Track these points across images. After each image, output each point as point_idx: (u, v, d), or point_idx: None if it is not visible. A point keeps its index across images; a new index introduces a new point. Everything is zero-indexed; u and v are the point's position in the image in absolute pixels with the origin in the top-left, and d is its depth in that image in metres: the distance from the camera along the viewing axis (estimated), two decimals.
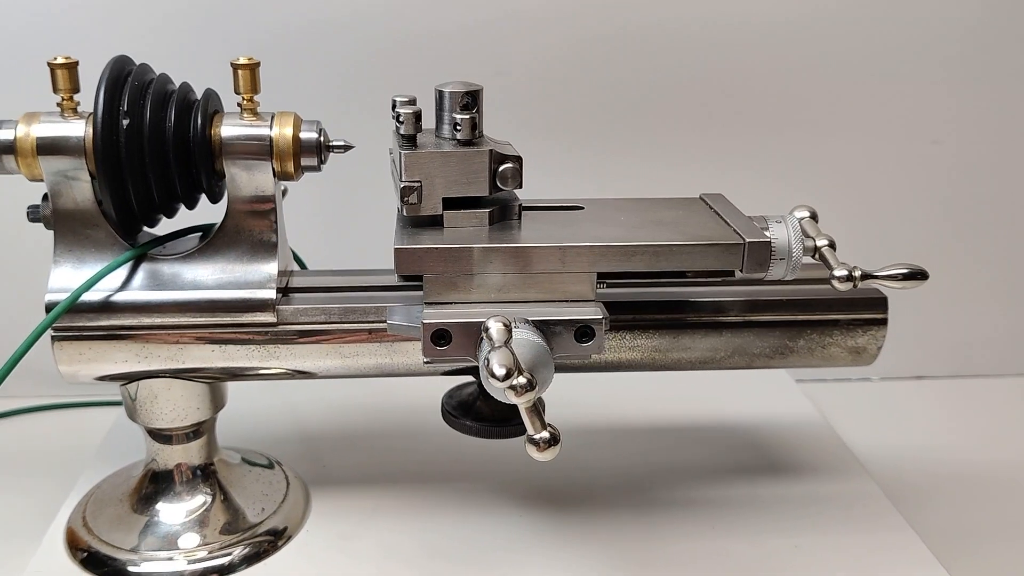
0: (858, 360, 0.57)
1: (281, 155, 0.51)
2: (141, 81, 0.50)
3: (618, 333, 0.55)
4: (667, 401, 0.74)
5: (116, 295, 0.52)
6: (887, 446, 0.75)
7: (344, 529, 0.59)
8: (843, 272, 0.47)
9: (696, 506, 0.61)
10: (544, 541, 0.57)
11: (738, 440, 0.70)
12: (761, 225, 0.48)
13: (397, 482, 0.63)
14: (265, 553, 0.57)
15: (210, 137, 0.51)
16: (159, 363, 0.53)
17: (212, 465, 0.59)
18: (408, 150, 0.46)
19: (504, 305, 0.46)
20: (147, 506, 0.57)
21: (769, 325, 0.56)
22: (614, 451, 0.68)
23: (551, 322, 0.45)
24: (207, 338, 0.52)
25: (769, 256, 0.47)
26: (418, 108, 0.47)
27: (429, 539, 0.57)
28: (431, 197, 0.47)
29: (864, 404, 0.83)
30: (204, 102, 0.51)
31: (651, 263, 0.46)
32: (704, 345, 0.56)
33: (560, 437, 0.41)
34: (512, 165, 0.47)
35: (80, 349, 0.52)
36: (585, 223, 0.49)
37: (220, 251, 0.53)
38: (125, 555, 0.55)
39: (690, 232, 0.48)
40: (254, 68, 0.51)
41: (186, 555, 0.55)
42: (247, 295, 0.52)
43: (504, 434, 0.57)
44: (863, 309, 0.56)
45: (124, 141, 0.48)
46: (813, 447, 0.69)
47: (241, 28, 0.71)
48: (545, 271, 0.46)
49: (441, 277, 0.46)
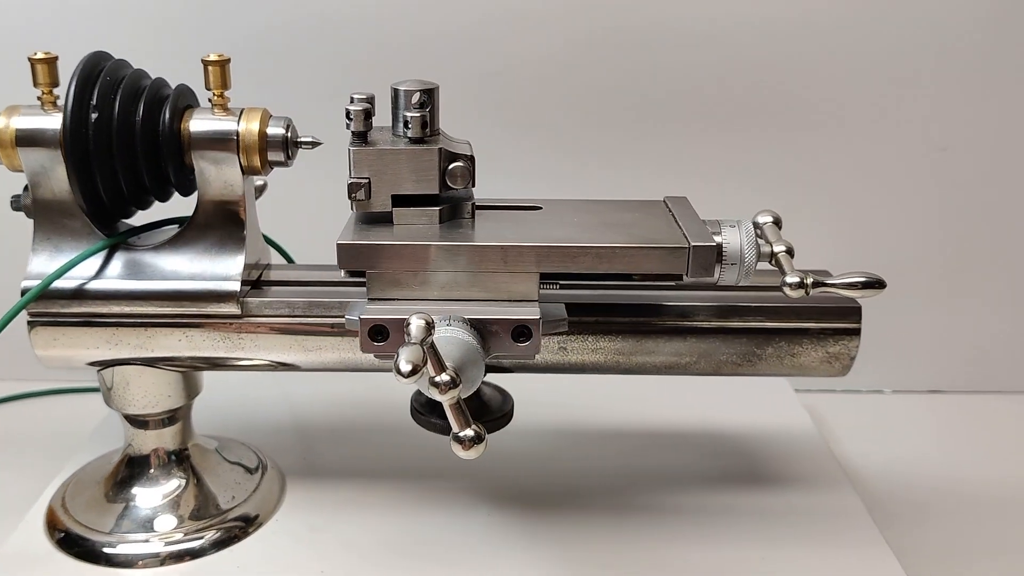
0: (831, 370, 0.56)
1: (247, 149, 0.52)
2: (114, 76, 0.51)
3: (581, 335, 0.55)
4: (659, 405, 0.74)
5: (89, 283, 0.53)
6: (888, 460, 0.73)
7: (312, 520, 0.59)
8: (795, 279, 0.46)
9: (668, 512, 0.60)
10: (509, 541, 0.57)
11: (725, 447, 0.69)
12: (714, 229, 0.48)
13: (374, 477, 0.64)
14: (235, 539, 0.58)
15: (179, 131, 0.52)
16: (129, 350, 0.54)
17: (186, 450, 0.60)
18: (357, 146, 0.47)
19: (447, 303, 0.46)
20: (123, 489, 0.59)
21: (736, 331, 0.55)
22: (596, 453, 0.68)
23: (488, 321, 0.45)
24: (174, 327, 0.54)
25: (715, 261, 0.46)
26: (368, 106, 0.47)
27: (392, 535, 0.58)
28: (380, 194, 0.48)
29: (871, 417, 0.81)
30: (175, 97, 0.52)
31: (594, 265, 0.46)
32: (669, 349, 0.55)
33: (485, 436, 0.41)
34: (461, 164, 0.47)
35: (54, 335, 0.54)
36: (536, 224, 0.49)
37: (190, 243, 0.54)
38: (100, 536, 0.57)
39: (638, 235, 0.47)
40: (223, 64, 0.53)
41: (161, 537, 0.57)
42: (212, 286, 0.53)
43: None
44: (835, 318, 0.55)
45: (92, 134, 0.50)
46: (800, 458, 0.67)
47: (240, 25, 0.73)
48: (487, 270, 0.46)
49: (384, 274, 0.46)
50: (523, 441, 0.68)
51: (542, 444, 0.69)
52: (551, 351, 0.55)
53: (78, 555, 0.56)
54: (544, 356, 0.55)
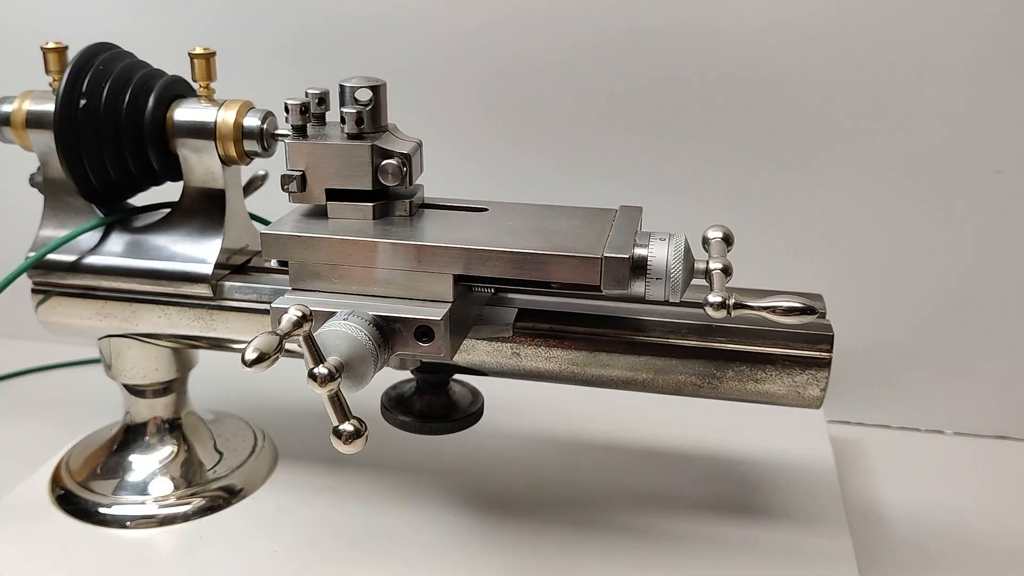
0: (802, 401, 0.52)
1: (223, 139, 0.55)
2: (107, 66, 0.55)
3: (534, 342, 0.54)
4: (674, 424, 0.71)
5: (85, 257, 0.58)
6: (930, 506, 0.67)
7: (282, 501, 0.61)
8: (716, 298, 0.44)
9: (638, 533, 0.58)
10: (466, 544, 0.57)
11: (725, 473, 0.65)
12: (643, 242, 0.46)
13: (356, 466, 0.65)
14: (217, 508, 0.61)
15: (164, 119, 0.55)
16: (117, 323, 0.58)
17: (179, 420, 0.64)
18: (293, 140, 0.48)
19: (362, 298, 0.47)
20: (120, 454, 0.63)
21: (693, 350, 0.52)
22: (586, 465, 0.66)
23: (391, 319, 0.45)
24: (154, 303, 0.57)
25: (628, 274, 0.44)
26: (306, 100, 0.49)
27: (352, 524, 0.59)
28: (315, 187, 0.49)
29: (924, 458, 0.74)
30: (162, 87, 0.56)
31: (506, 270, 0.45)
32: (623, 364, 0.53)
33: (364, 431, 0.42)
34: (392, 162, 0.48)
35: (53, 304, 0.59)
36: (467, 225, 0.49)
37: (175, 226, 0.58)
38: (94, 496, 0.61)
39: (558, 243, 0.46)
40: (208, 57, 0.55)
41: (154, 500, 0.60)
42: (187, 268, 0.56)
43: (434, 430, 0.57)
44: (802, 344, 0.51)
45: (80, 120, 0.54)
46: (806, 494, 0.63)
47: (263, 24, 0.75)
48: (402, 268, 0.46)
49: (305, 265, 0.47)
50: (517, 447, 0.68)
51: (534, 452, 0.68)
52: (504, 355, 0.54)
53: (72, 512, 0.60)
54: (499, 360, 0.55)
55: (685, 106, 0.71)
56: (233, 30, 0.76)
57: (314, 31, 0.75)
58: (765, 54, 0.69)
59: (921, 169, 0.69)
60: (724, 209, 0.73)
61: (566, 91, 0.73)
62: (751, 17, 0.68)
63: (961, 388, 0.76)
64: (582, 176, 0.74)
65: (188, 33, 0.76)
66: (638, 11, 0.69)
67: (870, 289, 0.74)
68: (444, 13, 0.72)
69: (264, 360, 0.38)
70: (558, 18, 0.71)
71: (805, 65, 0.69)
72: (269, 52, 0.76)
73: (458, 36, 0.72)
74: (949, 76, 0.67)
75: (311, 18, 0.74)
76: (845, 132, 0.70)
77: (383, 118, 0.49)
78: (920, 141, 0.69)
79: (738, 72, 0.70)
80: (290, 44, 0.76)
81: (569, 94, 0.73)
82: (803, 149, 0.71)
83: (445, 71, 0.73)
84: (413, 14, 0.72)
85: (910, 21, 0.66)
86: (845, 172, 0.71)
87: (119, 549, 0.57)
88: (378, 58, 0.74)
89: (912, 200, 0.71)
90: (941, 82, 0.67)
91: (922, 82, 0.67)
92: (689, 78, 0.71)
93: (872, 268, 0.73)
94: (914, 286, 0.73)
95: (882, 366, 0.76)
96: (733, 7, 0.68)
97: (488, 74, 0.73)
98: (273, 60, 0.76)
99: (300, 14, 0.74)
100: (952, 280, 0.72)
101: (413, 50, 0.73)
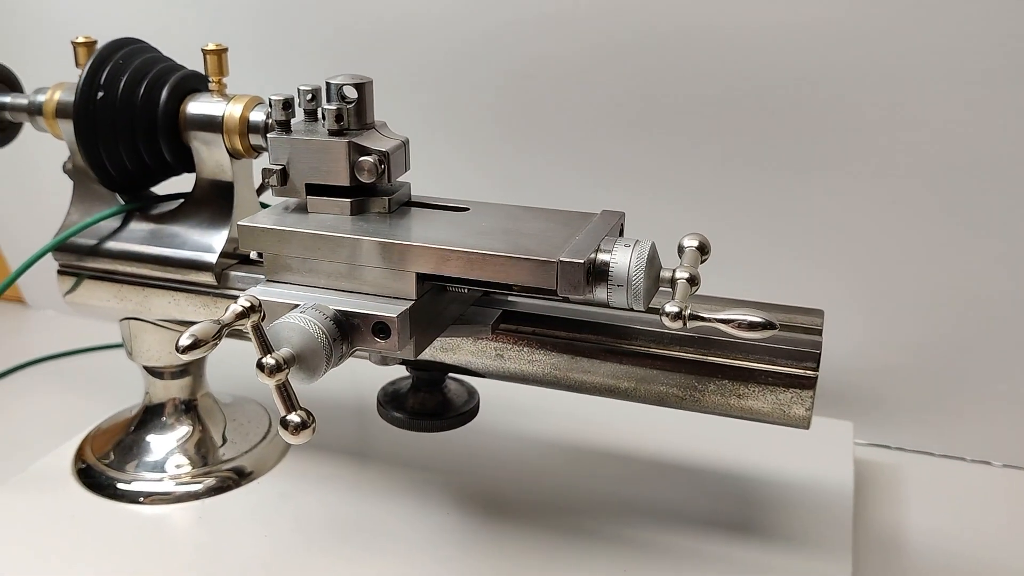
0: (788, 420, 0.50)
1: (230, 132, 0.57)
2: (127, 60, 0.57)
3: (517, 344, 0.53)
4: (685, 433, 0.69)
5: (105, 242, 0.60)
6: (948, 539, 0.63)
7: (285, 488, 0.63)
8: (672, 308, 0.42)
9: (625, 544, 0.57)
10: (456, 543, 0.57)
11: (735, 488, 0.63)
12: (607, 247, 0.45)
13: (362, 458, 0.66)
14: (227, 488, 0.63)
15: (177, 112, 0.57)
16: (132, 306, 0.61)
17: (195, 401, 0.66)
18: (275, 135, 0.49)
19: (329, 292, 0.47)
20: (138, 433, 0.66)
21: (673, 360, 0.51)
22: (585, 473, 0.65)
23: (350, 314, 0.45)
24: (164, 289, 0.59)
25: (584, 279, 0.43)
26: (289, 96, 0.50)
27: (347, 516, 0.59)
28: (296, 181, 0.50)
29: (965, 489, 0.70)
30: (177, 81, 0.58)
31: (465, 270, 0.45)
32: (604, 371, 0.52)
33: (311, 423, 0.42)
34: (368, 159, 0.48)
35: (76, 285, 0.62)
36: (440, 224, 0.49)
37: (188, 216, 0.60)
38: (112, 472, 0.64)
39: (522, 245, 0.45)
40: (220, 53, 0.57)
41: (171, 478, 0.63)
42: (194, 256, 0.58)
43: (425, 427, 0.58)
44: (786, 361, 0.49)
45: (97, 111, 0.56)
46: (814, 516, 0.60)
47: (296, 25, 0.77)
48: (367, 265, 0.47)
49: (278, 257, 0.48)
50: (514, 447, 0.67)
51: (530, 454, 0.67)
52: (489, 356, 0.54)
53: (89, 486, 0.63)
54: (484, 361, 0.55)
55: (698, 112, 0.69)
56: (260, 30, 0.78)
57: (342, 30, 0.76)
58: (780, 59, 0.66)
59: (949, 174, 0.65)
60: (741, 219, 0.71)
61: (578, 95, 0.72)
62: (777, 20, 0.65)
63: (1016, 416, 0.71)
64: (592, 180, 0.73)
65: (221, 31, 0.78)
66: (653, 15, 0.68)
67: (913, 303, 0.70)
68: (460, 16, 0.72)
69: (199, 347, 0.39)
70: (572, 22, 0.70)
71: (825, 69, 0.65)
72: (294, 50, 0.78)
73: (474, 39, 0.72)
74: (968, 77, 0.62)
75: (338, 17, 0.75)
76: (870, 139, 0.66)
77: (368, 115, 0.50)
78: (946, 144, 0.64)
79: (753, 77, 0.67)
80: (314, 42, 0.77)
81: (581, 98, 0.72)
82: (827, 157, 0.68)
83: (459, 73, 0.73)
84: (434, 16, 0.73)
85: (928, 20, 0.62)
86: (873, 181, 0.67)
87: (128, 523, 0.59)
88: (396, 59, 0.75)
89: (944, 207, 0.67)
90: (959, 84, 0.63)
91: (938, 84, 0.63)
92: (703, 83, 0.68)
93: (915, 280, 0.69)
94: (963, 300, 0.69)
95: (925, 387, 0.72)
96: (762, 9, 0.66)
97: (502, 76, 0.73)
98: (297, 58, 0.78)
99: (328, 14, 0.76)
100: (1004, 296, 0.68)
101: (432, 51, 0.74)
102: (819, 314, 0.52)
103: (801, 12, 0.64)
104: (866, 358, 0.72)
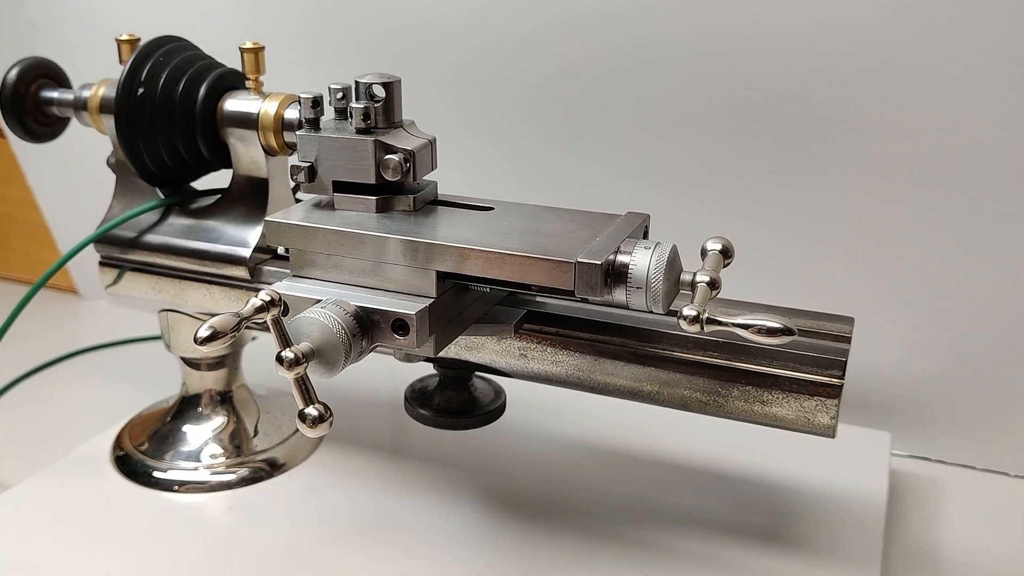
0: (812, 428, 0.49)
1: (265, 129, 0.57)
2: (167, 57, 0.59)
3: (541, 345, 0.53)
4: (715, 440, 0.68)
5: (144, 235, 0.62)
6: (985, 557, 0.62)
7: (314, 480, 0.64)
8: (690, 312, 0.42)
9: (654, 551, 0.56)
10: (474, 541, 0.57)
11: (764, 497, 0.62)
12: (627, 249, 0.44)
13: (390, 453, 0.66)
14: (259, 479, 0.64)
15: (214, 109, 0.59)
16: (169, 299, 0.62)
17: (231, 393, 0.67)
18: (304, 132, 0.50)
19: (352, 288, 0.48)
20: (174, 423, 0.67)
21: (697, 365, 0.50)
22: (611, 476, 0.64)
23: (371, 310, 0.46)
24: (200, 282, 0.61)
25: (599, 280, 0.43)
26: (318, 94, 0.50)
27: (371, 511, 0.60)
28: (324, 178, 0.50)
29: (1003, 505, 0.68)
30: (215, 78, 0.59)
31: (483, 269, 0.45)
32: (627, 374, 0.52)
33: (328, 417, 0.43)
34: (394, 157, 0.48)
35: (116, 276, 0.63)
36: (464, 223, 0.49)
37: (224, 211, 0.61)
38: (147, 460, 0.65)
39: (541, 245, 0.45)
40: (257, 51, 0.58)
41: (206, 467, 0.64)
42: (228, 250, 0.59)
43: (450, 425, 0.58)
44: (811, 368, 0.48)
45: (137, 107, 0.58)
46: (845, 529, 0.59)
47: (351, 24, 0.78)
48: (389, 262, 0.47)
49: (304, 253, 0.49)
50: (541, 448, 0.67)
51: (557, 455, 0.67)
52: (513, 356, 0.54)
53: (126, 473, 0.65)
54: (508, 361, 0.55)
55: (736, 114, 0.69)
56: (302, 28, 0.79)
57: (383, 29, 0.77)
58: (818, 61, 0.65)
59: (991, 178, 0.64)
60: (782, 225, 0.70)
61: (614, 97, 0.71)
62: (816, 21, 0.64)
63: None
64: (627, 182, 0.73)
65: (264, 29, 0.80)
66: (690, 17, 0.67)
67: (956, 310, 0.68)
68: (498, 16, 0.72)
69: (217, 338, 0.40)
70: (607, 23, 0.69)
71: (864, 72, 0.64)
72: (335, 48, 0.78)
73: (511, 40, 0.72)
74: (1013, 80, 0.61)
75: (380, 16, 0.76)
76: (909, 143, 0.65)
77: (395, 114, 0.50)
78: (987, 148, 0.63)
79: (793, 79, 0.66)
80: (355, 41, 0.78)
81: (616, 100, 0.71)
82: (865, 161, 0.66)
83: (496, 73, 0.73)
84: (472, 16, 0.73)
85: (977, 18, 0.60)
86: (913, 186, 0.66)
87: (161, 511, 0.60)
88: (435, 58, 0.76)
89: (988, 211, 0.65)
90: (1003, 87, 0.61)
91: (981, 87, 0.61)
92: (740, 86, 0.68)
93: (958, 287, 0.67)
94: (1008, 307, 0.67)
95: (969, 398, 0.70)
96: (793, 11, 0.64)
97: (538, 77, 0.72)
98: (338, 57, 0.79)
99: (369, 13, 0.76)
100: None
101: (469, 51, 0.74)
102: (849, 321, 0.51)
103: (840, 13, 0.63)
104: (907, 367, 0.70)
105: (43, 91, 0.63)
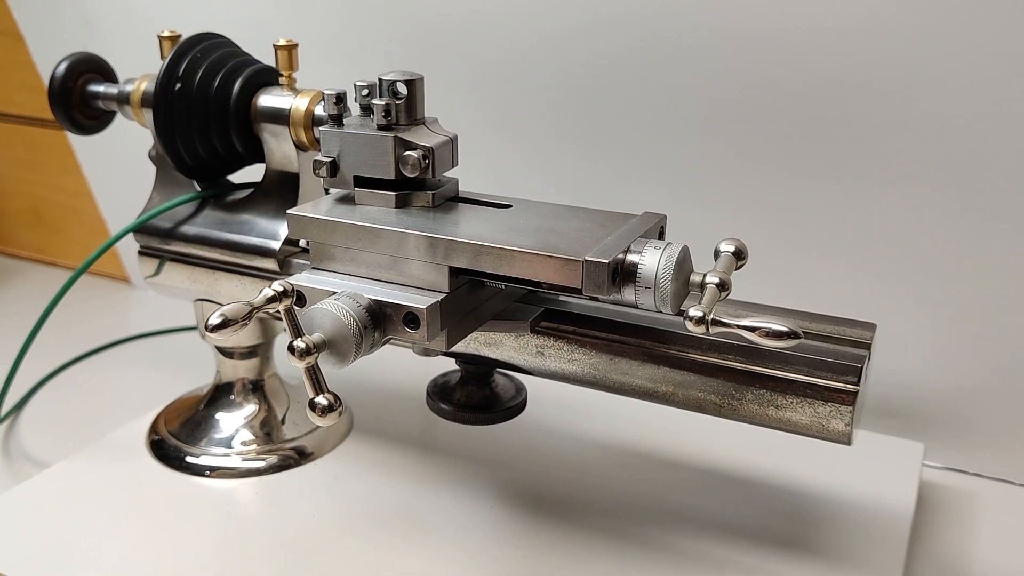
0: (827, 434, 0.49)
1: (295, 125, 0.59)
2: (205, 53, 0.60)
3: (558, 343, 0.54)
4: (752, 448, 0.67)
5: (180, 226, 0.64)
6: (1015, 574, 0.60)
7: (339, 470, 0.65)
8: (696, 312, 0.42)
9: (674, 554, 0.56)
10: (494, 538, 0.57)
11: (786, 504, 0.62)
12: (637, 248, 0.44)
13: (418, 448, 0.67)
14: (288, 467, 0.66)
15: (248, 105, 0.60)
16: (204, 288, 0.64)
17: (262, 381, 0.69)
18: (328, 128, 0.51)
19: (368, 281, 0.49)
20: (208, 409, 0.69)
21: (712, 367, 0.50)
22: (631, 477, 0.64)
23: (384, 304, 0.46)
24: (232, 273, 0.62)
25: (607, 279, 0.43)
26: (342, 91, 0.51)
27: (392, 503, 0.61)
28: (345, 174, 0.51)
29: None
30: (249, 74, 0.60)
31: (494, 265, 0.45)
32: (642, 374, 0.52)
33: (337, 406, 0.44)
34: (412, 154, 0.49)
35: (154, 266, 0.65)
36: (479, 220, 0.49)
37: (257, 204, 0.62)
38: (181, 445, 0.67)
39: (552, 243, 0.45)
40: (291, 49, 0.59)
41: (237, 454, 0.66)
42: (258, 242, 0.61)
43: (470, 420, 0.59)
44: (826, 373, 0.48)
45: (174, 102, 0.59)
46: (869, 539, 0.58)
47: (389, 23, 0.79)
48: (404, 257, 0.48)
49: (323, 246, 0.50)
50: (562, 446, 0.67)
51: (579, 453, 0.67)
52: (530, 353, 0.54)
53: (159, 457, 0.67)
54: (525, 358, 0.55)
55: (765, 116, 0.67)
56: (338, 26, 0.80)
57: (417, 27, 0.77)
58: (846, 63, 0.64)
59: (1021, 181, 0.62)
60: (817, 231, 0.69)
61: (641, 98, 0.71)
62: (841, 24, 0.63)
63: None
64: (652, 183, 0.72)
65: (302, 27, 0.81)
66: (717, 18, 0.66)
67: (994, 318, 0.66)
68: (528, 15, 0.72)
69: (228, 326, 0.41)
70: (633, 24, 0.69)
71: (888, 73, 0.63)
72: (370, 46, 0.79)
73: (538, 40, 0.72)
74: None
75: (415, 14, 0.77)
76: (936, 146, 0.63)
77: (417, 111, 0.51)
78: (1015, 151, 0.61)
79: (820, 82, 0.65)
80: (390, 39, 0.79)
81: (643, 101, 0.71)
82: (893, 166, 0.65)
83: (522, 73, 0.74)
84: (501, 15, 0.73)
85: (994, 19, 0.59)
86: (945, 191, 0.64)
87: (190, 494, 0.62)
88: (465, 57, 0.76)
89: None
90: None
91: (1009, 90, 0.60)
92: (767, 87, 0.67)
93: (995, 294, 0.66)
94: None
95: (1008, 409, 0.69)
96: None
97: (563, 77, 0.72)
98: (373, 54, 0.79)
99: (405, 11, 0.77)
100: None
101: (496, 50, 0.74)
102: (870, 327, 0.50)
103: (863, 14, 0.62)
104: (943, 376, 0.69)
105: (90, 85, 0.66)
